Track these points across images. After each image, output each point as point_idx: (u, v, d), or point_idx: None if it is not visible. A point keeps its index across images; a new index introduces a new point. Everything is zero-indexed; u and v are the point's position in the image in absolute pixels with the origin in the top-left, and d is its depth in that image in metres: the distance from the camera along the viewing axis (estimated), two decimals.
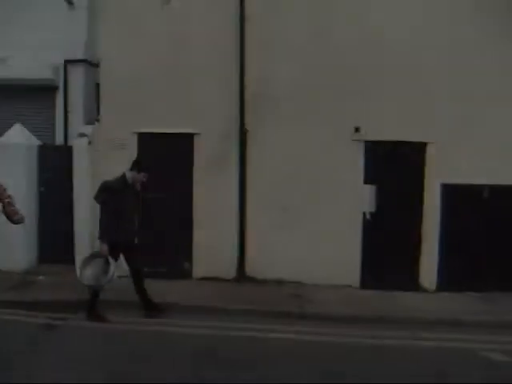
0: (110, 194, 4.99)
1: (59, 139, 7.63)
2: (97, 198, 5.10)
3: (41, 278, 6.42)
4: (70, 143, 7.27)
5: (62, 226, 6.70)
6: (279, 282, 6.43)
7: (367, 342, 4.86)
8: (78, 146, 6.77)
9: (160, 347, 4.52)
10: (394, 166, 6.41)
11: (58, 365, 4.03)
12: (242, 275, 6.59)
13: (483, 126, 6.28)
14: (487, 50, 6.26)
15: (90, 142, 6.72)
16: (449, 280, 6.38)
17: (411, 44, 6.33)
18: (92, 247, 6.47)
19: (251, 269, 6.57)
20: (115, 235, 4.94)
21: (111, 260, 4.92)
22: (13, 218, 3.99)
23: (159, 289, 5.59)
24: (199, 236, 6.63)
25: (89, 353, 4.39)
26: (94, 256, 5.12)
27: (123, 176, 5.16)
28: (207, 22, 6.55)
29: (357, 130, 6.38)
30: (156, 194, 6.60)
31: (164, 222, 6.60)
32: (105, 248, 4.94)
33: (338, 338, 4.90)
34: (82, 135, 6.80)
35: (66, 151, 6.93)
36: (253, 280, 6.52)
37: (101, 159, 6.62)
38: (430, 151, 6.38)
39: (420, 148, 6.37)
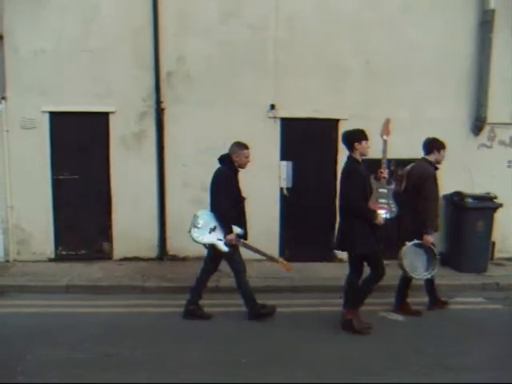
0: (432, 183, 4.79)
1: None
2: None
3: None
4: None
5: None
6: (201, 259, 6.50)
7: (278, 310, 5.09)
8: None
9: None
10: (309, 143, 6.61)
11: None
12: (163, 254, 6.62)
13: (391, 102, 6.60)
14: (395, 25, 6.52)
15: None
16: None
17: (321, 19, 6.47)
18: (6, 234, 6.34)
19: (172, 247, 6.61)
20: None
21: (435, 249, 4.77)
22: None
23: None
24: (118, 216, 6.55)
25: None
26: (415, 247, 4.78)
27: (427, 161, 4.88)
28: None
29: (272, 107, 6.51)
30: (71, 176, 6.48)
31: (81, 203, 6.47)
32: (431, 239, 4.71)
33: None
34: None
35: None
36: (174, 258, 6.59)
37: (12, 140, 6.39)
38: (342, 128, 6.61)
39: (333, 124, 6.61)
